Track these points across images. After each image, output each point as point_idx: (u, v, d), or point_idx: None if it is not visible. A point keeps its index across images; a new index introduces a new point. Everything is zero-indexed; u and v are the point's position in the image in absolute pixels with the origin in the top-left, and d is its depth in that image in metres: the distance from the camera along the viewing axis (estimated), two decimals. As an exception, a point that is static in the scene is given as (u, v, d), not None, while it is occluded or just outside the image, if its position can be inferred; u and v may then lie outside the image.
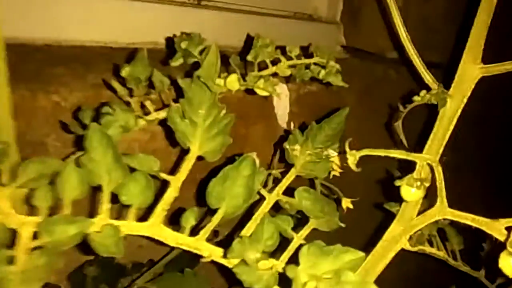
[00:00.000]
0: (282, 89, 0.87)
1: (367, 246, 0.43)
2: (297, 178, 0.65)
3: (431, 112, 0.48)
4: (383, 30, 0.97)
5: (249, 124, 0.78)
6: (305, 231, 0.39)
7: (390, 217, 0.43)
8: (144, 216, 0.35)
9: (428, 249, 0.47)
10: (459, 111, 0.43)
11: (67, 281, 0.68)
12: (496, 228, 0.30)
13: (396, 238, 0.41)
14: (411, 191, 0.32)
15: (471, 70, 0.43)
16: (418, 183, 0.32)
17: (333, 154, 0.43)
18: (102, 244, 0.29)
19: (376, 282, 0.41)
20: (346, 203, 0.57)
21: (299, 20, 0.98)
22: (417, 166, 0.32)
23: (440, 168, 0.33)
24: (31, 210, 0.30)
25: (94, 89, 0.52)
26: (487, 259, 0.55)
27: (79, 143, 0.32)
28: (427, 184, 0.32)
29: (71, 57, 0.59)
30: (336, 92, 0.97)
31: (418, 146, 0.45)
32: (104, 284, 0.68)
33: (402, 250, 0.46)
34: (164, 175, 0.35)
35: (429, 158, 0.32)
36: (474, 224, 0.32)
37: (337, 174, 0.63)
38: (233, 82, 0.37)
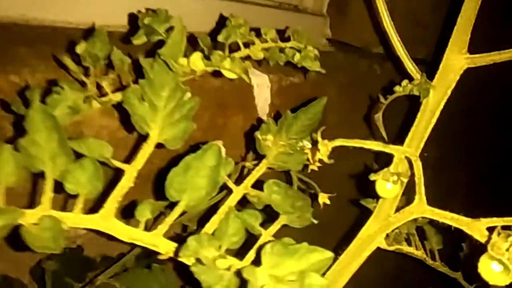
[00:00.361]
0: (263, 79, 0.84)
1: (343, 244, 0.41)
2: (273, 171, 0.62)
3: (413, 105, 0.46)
4: (370, 25, 0.95)
5: (228, 115, 0.75)
6: (274, 227, 0.36)
7: (367, 214, 0.41)
8: (94, 208, 0.31)
9: (406, 248, 0.45)
10: (443, 103, 0.41)
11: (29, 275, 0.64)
12: (476, 228, 0.27)
13: (372, 237, 0.38)
14: (386, 186, 0.30)
15: (456, 61, 0.40)
16: (395, 178, 0.29)
17: (308, 145, 0.40)
18: (38, 238, 0.26)
19: (352, 281, 0.39)
20: (323, 198, 0.54)
21: (284, 11, 0.94)
22: (395, 160, 0.29)
23: (419, 163, 0.31)
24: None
25: (59, 71, 0.48)
26: (466, 260, 0.53)
27: (20, 126, 0.28)
28: (404, 180, 0.30)
29: (38, 38, 0.55)
30: (319, 85, 0.94)
31: (398, 139, 0.43)
32: (70, 278, 0.64)
33: (380, 249, 0.44)
34: (117, 163, 0.31)
35: (407, 151, 0.29)
36: (453, 224, 0.30)
37: (315, 168, 0.61)
38: (197, 61, 0.33)
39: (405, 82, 0.39)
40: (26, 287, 0.63)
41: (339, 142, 0.30)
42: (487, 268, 0.22)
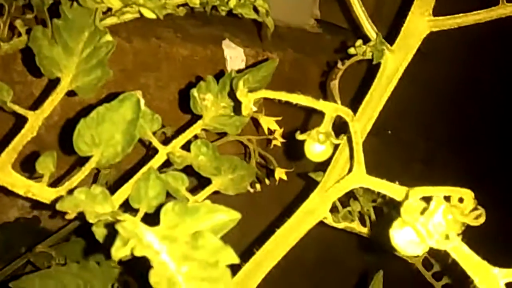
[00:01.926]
0: (238, 52, 0.81)
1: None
2: (232, 143, 0.59)
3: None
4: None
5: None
6: (204, 193, 0.33)
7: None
8: None
9: (357, 227, 0.42)
10: (401, 69, 0.37)
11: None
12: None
13: (313, 210, 0.35)
14: (315, 147, 0.26)
15: (418, 23, 0.37)
16: (323, 138, 0.26)
17: (253, 109, 0.36)
18: None
19: (298, 262, 0.36)
20: (280, 173, 0.51)
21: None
22: (325, 118, 0.26)
23: (357, 126, 0.27)
24: None
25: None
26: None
27: None
28: (334, 141, 0.26)
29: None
30: (299, 64, 0.91)
31: (352, 107, 0.39)
32: (21, 247, 0.61)
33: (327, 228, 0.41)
34: (18, 109, 0.28)
35: (339, 108, 0.26)
36: (389, 193, 0.26)
37: (278, 144, 0.57)
38: (109, -3, 0.30)
39: (359, 42, 0.35)
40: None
41: (261, 93, 0.26)
42: (402, 238, 0.19)
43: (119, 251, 0.18)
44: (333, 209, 0.46)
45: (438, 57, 1.19)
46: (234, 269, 0.35)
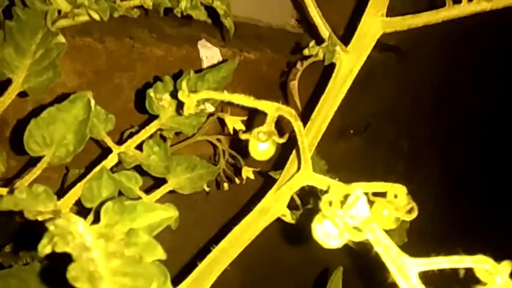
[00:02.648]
0: (214, 52, 0.81)
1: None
2: (200, 144, 0.59)
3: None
4: (339, 6, 0.92)
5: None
6: (159, 192, 0.34)
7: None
8: None
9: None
10: (356, 70, 0.38)
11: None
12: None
13: (268, 208, 0.35)
14: (259, 147, 0.27)
15: (372, 24, 0.38)
16: (264, 137, 0.26)
17: (210, 109, 0.37)
18: None
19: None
20: (247, 172, 0.52)
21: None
22: (268, 117, 0.27)
23: (299, 123, 0.28)
24: None
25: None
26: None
27: None
28: (277, 140, 0.27)
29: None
30: (275, 63, 0.91)
31: (311, 107, 0.40)
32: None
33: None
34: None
35: (282, 108, 0.26)
36: (332, 191, 0.27)
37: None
38: (57, 1, 0.30)
39: (312, 43, 0.36)
40: None
41: (202, 94, 0.27)
42: (322, 231, 0.19)
43: (44, 248, 0.19)
44: (296, 207, 0.47)
45: (420, 58, 1.20)
46: (192, 267, 0.36)
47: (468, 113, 1.38)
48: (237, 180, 0.55)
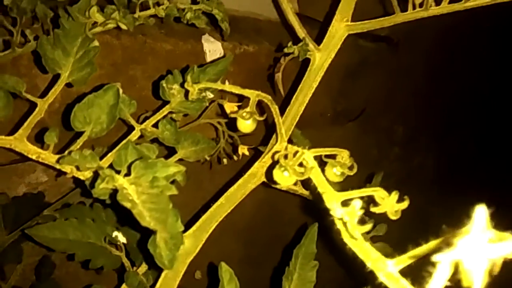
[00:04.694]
0: (216, 46, 0.90)
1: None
2: (203, 126, 0.69)
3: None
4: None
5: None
6: (171, 160, 0.44)
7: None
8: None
9: (299, 189, 0.52)
10: (326, 65, 0.47)
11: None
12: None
13: (255, 173, 0.45)
14: (243, 122, 0.37)
15: (339, 28, 0.47)
16: (247, 115, 0.36)
17: (210, 95, 0.47)
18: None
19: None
20: (242, 149, 0.62)
21: (250, -17, 0.99)
22: (251, 101, 0.36)
23: (275, 107, 0.38)
24: None
25: None
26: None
27: None
28: (257, 118, 0.37)
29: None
30: (273, 54, 1.00)
31: (290, 94, 0.50)
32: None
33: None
34: (30, 97, 0.39)
35: (261, 94, 0.36)
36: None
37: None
38: (93, 13, 0.40)
39: (290, 43, 0.45)
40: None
41: (202, 84, 0.37)
42: (279, 175, 0.29)
43: (100, 185, 0.29)
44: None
45: (413, 47, 1.27)
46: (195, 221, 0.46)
47: (462, 99, 1.43)
48: (235, 157, 0.65)
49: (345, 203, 0.27)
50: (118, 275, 0.61)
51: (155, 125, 0.44)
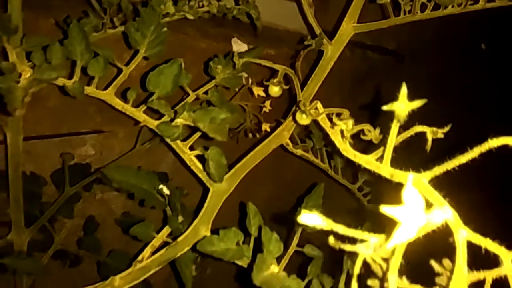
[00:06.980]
0: (243, 47, 1.05)
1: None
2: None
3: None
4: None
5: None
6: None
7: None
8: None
9: (311, 157, 0.66)
10: (335, 57, 0.62)
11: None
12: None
13: (279, 134, 0.59)
14: (273, 88, 0.51)
15: (347, 27, 0.61)
16: (276, 83, 0.50)
17: (245, 75, 0.61)
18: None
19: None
20: (265, 126, 0.76)
21: (269, -1, 1.15)
22: (279, 73, 0.50)
23: (297, 80, 0.51)
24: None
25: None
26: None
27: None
28: (284, 87, 0.51)
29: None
30: (290, 57, 1.15)
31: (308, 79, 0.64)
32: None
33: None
34: (118, 63, 0.53)
35: (287, 69, 0.50)
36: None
37: (267, 111, 0.82)
38: (169, 6, 0.55)
39: (309, 37, 0.60)
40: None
41: (247, 58, 0.51)
42: (300, 117, 0.43)
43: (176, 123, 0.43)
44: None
45: (417, 60, 1.40)
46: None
47: (464, 108, 1.52)
48: (257, 135, 0.79)
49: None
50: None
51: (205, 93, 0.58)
